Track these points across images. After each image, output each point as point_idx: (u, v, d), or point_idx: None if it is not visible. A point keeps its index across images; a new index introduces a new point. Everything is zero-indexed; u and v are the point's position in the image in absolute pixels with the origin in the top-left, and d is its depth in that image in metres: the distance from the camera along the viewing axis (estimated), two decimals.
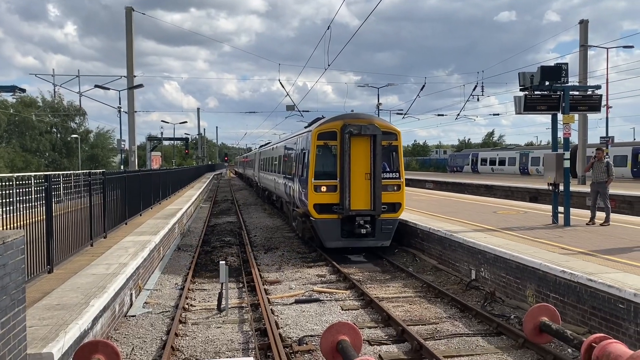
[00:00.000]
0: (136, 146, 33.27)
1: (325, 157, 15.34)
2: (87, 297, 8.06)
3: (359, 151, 15.01)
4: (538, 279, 9.73)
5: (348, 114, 15.98)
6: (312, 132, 15.54)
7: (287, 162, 20.91)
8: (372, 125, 15.07)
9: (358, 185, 14.96)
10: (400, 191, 15.46)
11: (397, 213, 15.46)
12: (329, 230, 15.08)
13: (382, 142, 15.01)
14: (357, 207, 14.96)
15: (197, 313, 10.23)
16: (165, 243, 15.94)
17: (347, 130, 14.83)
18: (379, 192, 14.91)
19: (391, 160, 15.61)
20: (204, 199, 40.55)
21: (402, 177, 15.51)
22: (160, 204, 24.52)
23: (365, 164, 15.05)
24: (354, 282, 12.04)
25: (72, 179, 12.37)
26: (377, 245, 15.37)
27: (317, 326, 9.31)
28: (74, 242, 11.13)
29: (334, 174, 15.11)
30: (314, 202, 15.09)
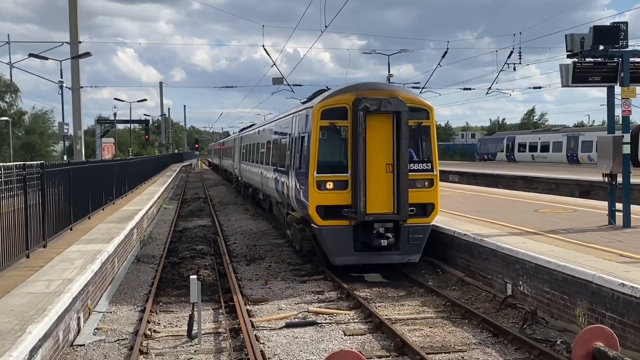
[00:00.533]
0: (83, 131, 33.21)
1: (332, 143, 14.36)
2: (23, 322, 8.04)
3: (377, 134, 13.98)
4: (591, 295, 9.76)
5: (362, 84, 14.87)
6: (313, 108, 14.41)
7: (278, 149, 19.68)
8: (395, 98, 13.95)
9: (376, 180, 13.97)
10: (433, 188, 14.50)
11: (429, 217, 14.51)
12: (337, 241, 14.02)
13: (408, 122, 14.01)
14: (375, 209, 13.91)
15: (162, 341, 10.23)
16: (120, 253, 15.94)
17: (362, 106, 13.69)
18: (404, 190, 13.90)
19: (421, 146, 14.67)
20: (170, 197, 40.57)
21: (435, 168, 14.54)
22: (114, 203, 24.52)
23: (386, 151, 14.03)
24: (359, 300, 12.08)
25: (1, 172, 12.33)
26: (403, 261, 14.37)
27: (314, 356, 9.34)
28: (5, 253, 11.10)
29: (344, 165, 14.10)
30: (316, 204, 14.07)
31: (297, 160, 15.54)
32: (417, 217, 14.22)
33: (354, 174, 13.89)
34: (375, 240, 13.89)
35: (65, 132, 38.96)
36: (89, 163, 21.69)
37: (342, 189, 14.05)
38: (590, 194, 31.32)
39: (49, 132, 76.49)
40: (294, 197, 16.06)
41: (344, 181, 14.09)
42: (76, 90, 31.71)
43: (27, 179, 12.66)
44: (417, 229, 14.30)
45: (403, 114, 13.88)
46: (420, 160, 14.54)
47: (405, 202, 13.91)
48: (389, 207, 14.05)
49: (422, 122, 14.47)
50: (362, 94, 14.06)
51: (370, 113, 13.82)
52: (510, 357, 9.23)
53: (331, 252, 14.19)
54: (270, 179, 20.90)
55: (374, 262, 14.42)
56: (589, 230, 14.37)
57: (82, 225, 17.72)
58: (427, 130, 14.62)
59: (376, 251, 14.11)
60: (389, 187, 14.05)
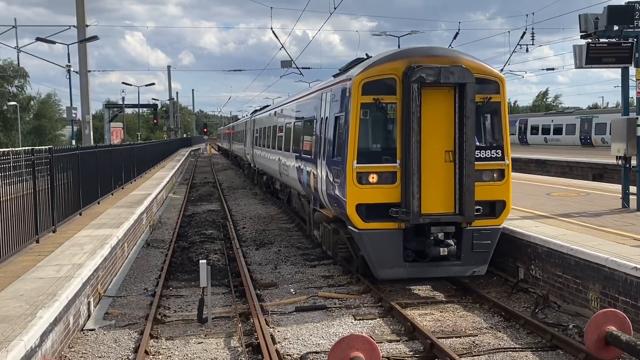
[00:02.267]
0: (91, 116, 33.31)
1: (376, 125, 11.98)
2: (34, 307, 8.13)
3: (435, 113, 11.51)
4: (603, 279, 9.74)
5: (414, 49, 12.38)
6: (352, 81, 11.78)
7: (302, 133, 17.09)
8: (458, 67, 11.33)
9: (433, 171, 11.50)
10: (505, 180, 11.92)
11: (499, 218, 11.93)
12: (382, 250, 11.49)
13: (475, 97, 11.45)
14: (432, 209, 11.43)
15: (172, 325, 10.32)
16: (130, 238, 16.04)
17: (416, 77, 11.13)
18: (470, 183, 11.35)
19: (486, 128, 12.25)
20: (179, 181, 40.71)
21: (507, 156, 11.98)
22: (123, 188, 24.64)
23: (445, 135, 11.57)
24: (369, 284, 12.12)
25: (10, 157, 12.41)
26: (465, 274, 11.92)
27: (324, 340, 9.39)
28: (15, 238, 11.20)
29: (392, 152, 11.61)
30: (356, 202, 11.52)
31: (330, 146, 13.05)
32: (484, 218, 11.69)
33: (405, 164, 11.35)
34: (432, 248, 11.38)
35: (74, 116, 39.08)
36: (97, 148, 21.79)
37: (389, 182, 11.54)
38: (603, 177, 31.17)
39: (56, 116, 76.77)
40: (324, 192, 13.53)
41: (391, 173, 11.57)
42: (84, 74, 31.77)
43: (36, 164, 12.74)
44: (484, 233, 11.72)
45: (469, 86, 11.26)
46: (488, 145, 12.01)
47: (470, 199, 11.33)
48: (448, 205, 11.58)
49: (491, 97, 11.84)
50: (415, 61, 11.47)
51: (427, 85, 11.28)
52: (522, 341, 9.24)
53: (376, 263, 11.60)
54: (292, 167, 18.40)
55: (429, 276, 12.04)
56: (602, 214, 14.31)
57: (91, 210, 17.83)
58: (497, 107, 11.99)
59: (433, 261, 11.62)
60: (449, 181, 11.57)
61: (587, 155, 38.24)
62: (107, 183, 21.57)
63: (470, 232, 11.66)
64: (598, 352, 7.38)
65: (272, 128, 24.43)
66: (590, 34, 14.51)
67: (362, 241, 11.63)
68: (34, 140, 67.63)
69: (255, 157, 31.60)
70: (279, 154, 21.47)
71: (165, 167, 41.82)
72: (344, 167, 11.68)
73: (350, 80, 11.93)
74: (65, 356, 8.77)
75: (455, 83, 11.32)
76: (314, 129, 15.03)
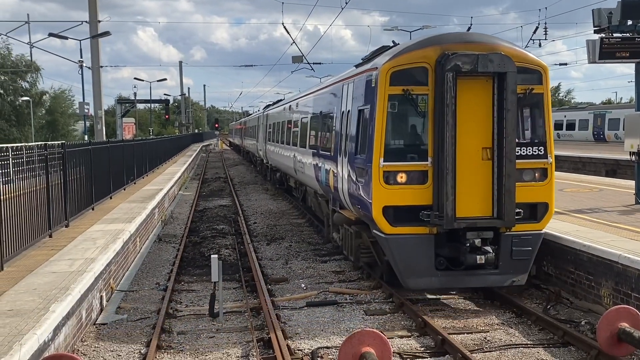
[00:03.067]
0: (103, 111, 33.48)
1: (405, 119, 10.97)
2: (47, 301, 8.19)
3: (471, 105, 10.46)
4: (616, 275, 9.69)
5: (448, 34, 11.30)
6: (379, 70, 10.74)
7: (319, 128, 16.13)
8: (498, 54, 10.25)
9: (469, 170, 10.46)
10: (547, 181, 10.85)
11: (541, 222, 10.86)
12: (412, 256, 10.49)
13: (516, 89, 10.38)
14: (467, 212, 10.41)
15: (184, 320, 10.37)
16: (142, 233, 16.12)
17: (451, 65, 10.07)
18: (510, 184, 10.30)
19: (529, 121, 11.23)
20: (190, 176, 40.84)
21: (550, 153, 10.90)
22: (135, 183, 24.75)
23: (482, 130, 10.52)
24: (380, 280, 12.10)
25: (23, 152, 12.48)
26: (504, 284, 10.79)
27: (335, 335, 9.41)
28: (28, 233, 11.29)
29: (423, 149, 10.61)
30: (383, 204, 10.51)
31: (352, 142, 12.04)
32: (524, 222, 10.64)
33: (438, 162, 10.31)
34: (468, 255, 10.28)
35: (86, 112, 39.28)
36: (109, 143, 21.89)
37: (419, 182, 10.52)
38: (617, 173, 30.94)
39: (69, 111, 77.13)
40: (345, 192, 12.54)
41: (422, 172, 10.55)
42: (96, 69, 31.92)
43: (49, 159, 12.82)
44: (524, 239, 10.65)
45: (509, 76, 10.20)
46: (529, 141, 10.93)
47: (511, 201, 10.32)
48: (486, 208, 10.53)
49: (533, 89, 10.75)
50: (449, 48, 10.42)
51: (462, 75, 10.23)
52: (534, 337, 9.21)
53: (404, 272, 10.57)
54: (308, 165, 17.44)
55: (464, 286, 11.15)
56: (615, 210, 14.23)
57: (103, 205, 17.92)
58: (539, 99, 10.92)
59: (466, 270, 10.59)
60: (486, 181, 10.52)
61: (600, 151, 37.98)
62: (119, 178, 21.67)
63: (510, 238, 10.59)
64: (610, 348, 7.33)
65: (286, 123, 23.51)
66: (604, 28, 14.42)
67: (389, 247, 10.59)
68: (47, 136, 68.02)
69: (268, 153, 30.73)
70: (293, 150, 20.59)
71: (177, 163, 41.96)
72: (369, 166, 10.67)
73: (377, 69, 10.87)
74: (77, 350, 8.84)
75: (494, 72, 10.25)
76: (334, 124, 14.06)
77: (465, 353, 8.20)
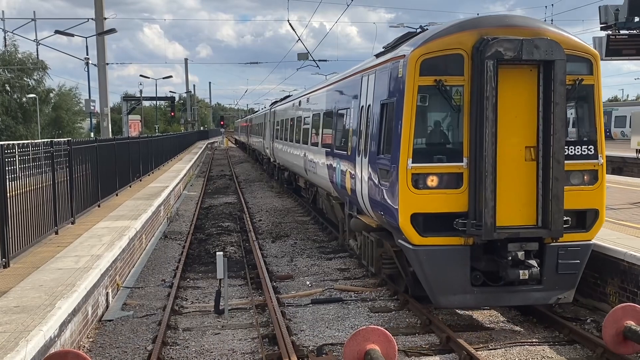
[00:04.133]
0: (109, 108, 33.53)
1: (437, 114, 9.76)
2: (53, 298, 8.22)
3: (513, 99, 9.21)
4: (622, 273, 9.66)
5: (486, 17, 10.05)
6: (407, 58, 9.40)
7: (334, 125, 14.81)
8: (544, 39, 8.94)
9: (511, 173, 9.19)
10: (598, 184, 9.60)
11: (590, 232, 9.62)
12: (444, 270, 9.24)
13: (565, 79, 9.08)
14: (509, 221, 9.13)
15: (189, 316, 10.40)
16: (148, 230, 16.16)
17: (492, 52, 8.79)
18: (558, 189, 9.02)
19: (576, 118, 9.98)
20: (196, 174, 40.89)
21: (601, 153, 9.69)
22: (141, 180, 24.80)
23: (526, 126, 9.27)
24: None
25: (30, 150, 12.53)
26: (549, 302, 9.58)
27: (340, 332, 9.42)
28: (35, 230, 11.33)
29: (457, 149, 9.31)
30: (412, 211, 9.26)
31: (374, 141, 10.83)
32: (572, 232, 9.36)
33: (475, 163, 9.02)
34: (510, 270, 9.03)
35: (92, 109, 39.37)
36: (115, 140, 21.93)
37: (453, 187, 9.23)
38: (623, 170, 30.85)
39: (75, 109, 77.26)
40: (364, 196, 11.32)
41: (456, 175, 9.25)
42: (102, 67, 31.97)
43: (55, 156, 12.86)
44: (572, 251, 9.40)
45: (558, 64, 8.92)
46: (578, 139, 9.71)
47: (558, 208, 9.02)
48: (529, 216, 9.26)
49: (582, 79, 9.49)
50: (487, 32, 9.15)
51: (502, 63, 8.96)
52: (539, 335, 9.20)
53: (435, 288, 9.33)
54: (320, 165, 16.21)
55: (503, 304, 9.99)
56: (622, 208, 14.18)
57: (109, 201, 17.96)
58: (589, 92, 9.63)
59: (506, 286, 9.33)
60: (530, 185, 9.25)
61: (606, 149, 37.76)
62: (125, 175, 21.72)
63: (555, 250, 9.32)
64: (616, 347, 7.32)
65: (295, 120, 22.13)
66: (611, 25, 14.40)
67: (417, 260, 9.32)
68: (53, 133, 68.14)
69: (275, 151, 29.40)
70: (304, 148, 19.30)
71: (182, 160, 42.03)
72: (396, 167, 9.40)
73: (405, 57, 9.52)
74: (83, 346, 8.87)
75: (540, 60, 8.96)
76: (351, 120, 12.82)
77: (470, 350, 8.19)
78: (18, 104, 68.50)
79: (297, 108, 22.12)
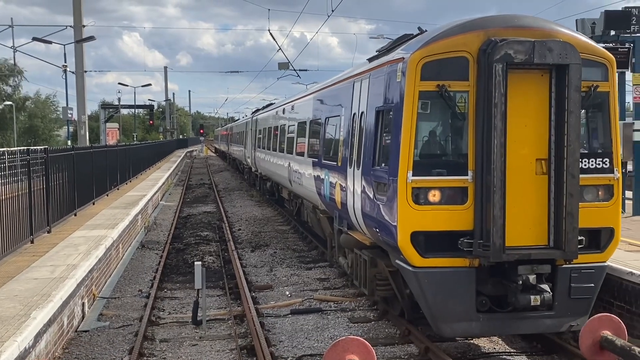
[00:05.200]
0: (87, 116, 33.27)
1: (439, 123, 9.01)
2: (28, 308, 8.11)
3: (523, 107, 8.43)
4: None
5: (492, 17, 8.99)
6: (407, 61, 8.58)
7: (322, 134, 13.86)
8: (558, 41, 8.22)
9: (520, 187, 8.41)
10: (614, 200, 8.82)
11: (605, 252, 8.81)
12: (447, 295, 8.39)
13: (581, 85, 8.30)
14: (518, 240, 8.37)
15: (167, 327, 10.31)
16: (125, 239, 16.02)
17: (501, 54, 8.04)
18: (573, 206, 8.25)
19: (590, 128, 9.15)
20: (175, 182, 40.66)
21: (616, 166, 8.87)
22: (118, 189, 24.61)
23: (537, 137, 8.49)
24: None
25: (5, 157, 12.38)
26: (561, 329, 8.71)
27: (319, 343, 9.40)
28: (9, 239, 11.18)
29: (461, 161, 8.53)
30: (412, 229, 8.42)
31: (368, 151, 9.96)
32: (585, 252, 8.51)
33: (482, 177, 8.24)
34: (520, 296, 8.23)
35: (69, 116, 39.07)
36: (93, 148, 21.76)
37: (457, 202, 8.41)
38: None
39: (52, 116, 76.62)
40: (357, 211, 10.45)
41: (460, 189, 8.44)
42: (80, 74, 31.75)
43: (31, 164, 12.73)
44: (586, 274, 8.57)
45: (573, 69, 8.15)
46: (592, 152, 8.87)
47: (573, 227, 8.22)
48: (540, 235, 8.46)
49: (599, 86, 8.66)
50: (495, 33, 8.35)
51: (512, 67, 8.18)
52: (517, 345, 9.26)
53: (438, 314, 8.48)
54: (306, 175, 15.34)
55: (512, 333, 9.17)
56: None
57: (86, 210, 17.80)
58: (604, 99, 8.82)
59: (518, 312, 8.47)
60: (541, 201, 8.46)
61: None
62: (103, 184, 21.55)
63: (568, 272, 8.48)
64: (593, 356, 7.39)
65: (280, 128, 21.12)
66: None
67: (418, 283, 8.45)
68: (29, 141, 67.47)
69: (257, 160, 28.45)
70: (289, 158, 18.35)
71: (161, 168, 41.80)
72: (394, 180, 8.54)
73: (404, 60, 8.67)
74: (59, 357, 8.76)
75: (553, 64, 8.19)
76: (341, 129, 12.00)
77: None
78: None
79: (281, 116, 21.16)
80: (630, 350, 6.88)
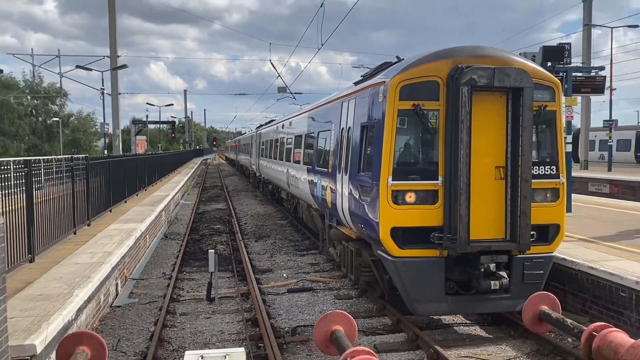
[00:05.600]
0: (120, 130, 33.17)
1: (415, 135, 8.90)
2: (71, 287, 8.06)
3: (485, 123, 8.48)
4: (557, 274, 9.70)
5: (460, 48, 8.90)
6: (387, 84, 8.65)
7: (316, 145, 13.79)
8: (514, 68, 8.31)
9: (482, 190, 8.44)
10: (559, 201, 8.91)
11: (552, 245, 8.86)
12: (421, 280, 8.47)
13: (533, 105, 8.41)
14: (481, 234, 8.42)
15: (185, 303, 10.27)
16: (151, 231, 15.94)
17: (467, 79, 8.11)
18: (526, 206, 8.35)
19: (540, 140, 9.16)
20: (192, 185, 40.48)
21: (562, 172, 8.97)
22: (145, 190, 24.47)
23: (496, 147, 8.54)
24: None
25: (53, 164, 12.31)
26: (515, 309, 8.67)
27: (311, 316, 9.39)
28: (56, 230, 11.11)
29: (433, 168, 8.50)
30: (391, 225, 8.43)
31: (354, 159, 9.92)
32: (536, 245, 8.64)
33: (450, 182, 8.28)
34: (482, 281, 8.34)
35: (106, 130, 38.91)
36: (125, 156, 21.65)
37: (429, 202, 8.43)
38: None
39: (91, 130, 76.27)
40: (344, 210, 10.43)
41: (432, 192, 8.45)
42: (115, 96, 31.62)
43: (74, 169, 12.65)
44: (536, 262, 8.70)
45: (526, 91, 8.27)
46: (541, 160, 8.96)
47: (526, 223, 8.33)
48: (499, 230, 8.53)
49: (547, 106, 8.80)
50: (461, 61, 8.44)
51: (476, 90, 8.26)
52: (472, 317, 9.27)
53: (412, 296, 8.50)
54: (302, 180, 15.22)
55: (474, 312, 9.18)
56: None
57: (119, 207, 17.70)
58: (552, 117, 8.94)
59: (477, 294, 8.57)
60: (499, 201, 8.51)
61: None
62: (133, 185, 21.43)
63: (521, 261, 8.59)
64: (533, 327, 7.41)
65: (280, 140, 20.91)
66: None
67: (396, 270, 8.47)
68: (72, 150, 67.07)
69: (261, 167, 28.28)
70: (287, 165, 18.15)
71: (181, 173, 41.60)
72: (376, 184, 8.55)
73: (385, 83, 8.77)
74: (96, 328, 8.71)
75: (510, 87, 8.30)
76: (331, 141, 11.95)
77: (416, 330, 8.24)
78: (43, 125, 67.45)
79: (281, 130, 21.00)
80: (564, 321, 6.92)
